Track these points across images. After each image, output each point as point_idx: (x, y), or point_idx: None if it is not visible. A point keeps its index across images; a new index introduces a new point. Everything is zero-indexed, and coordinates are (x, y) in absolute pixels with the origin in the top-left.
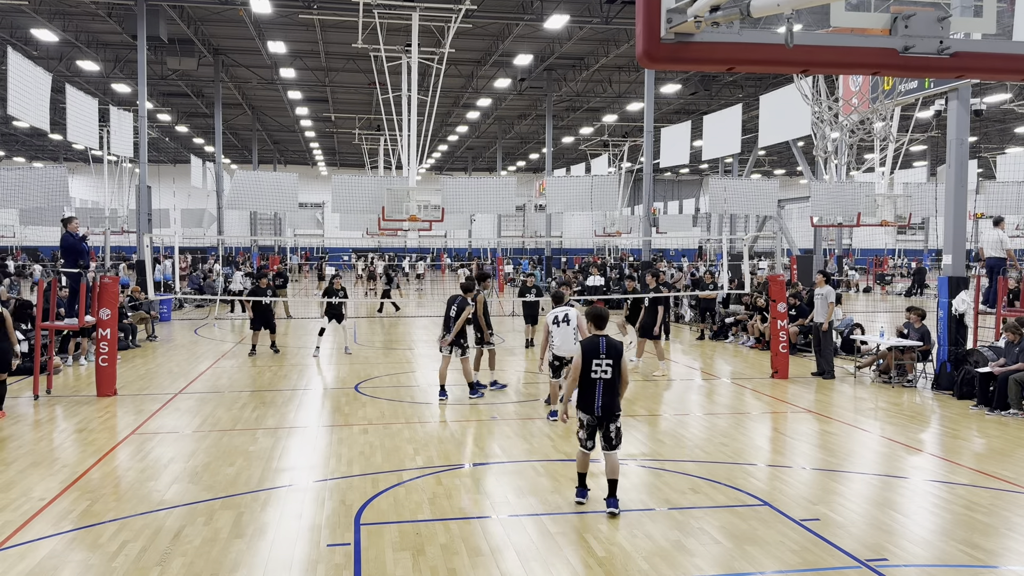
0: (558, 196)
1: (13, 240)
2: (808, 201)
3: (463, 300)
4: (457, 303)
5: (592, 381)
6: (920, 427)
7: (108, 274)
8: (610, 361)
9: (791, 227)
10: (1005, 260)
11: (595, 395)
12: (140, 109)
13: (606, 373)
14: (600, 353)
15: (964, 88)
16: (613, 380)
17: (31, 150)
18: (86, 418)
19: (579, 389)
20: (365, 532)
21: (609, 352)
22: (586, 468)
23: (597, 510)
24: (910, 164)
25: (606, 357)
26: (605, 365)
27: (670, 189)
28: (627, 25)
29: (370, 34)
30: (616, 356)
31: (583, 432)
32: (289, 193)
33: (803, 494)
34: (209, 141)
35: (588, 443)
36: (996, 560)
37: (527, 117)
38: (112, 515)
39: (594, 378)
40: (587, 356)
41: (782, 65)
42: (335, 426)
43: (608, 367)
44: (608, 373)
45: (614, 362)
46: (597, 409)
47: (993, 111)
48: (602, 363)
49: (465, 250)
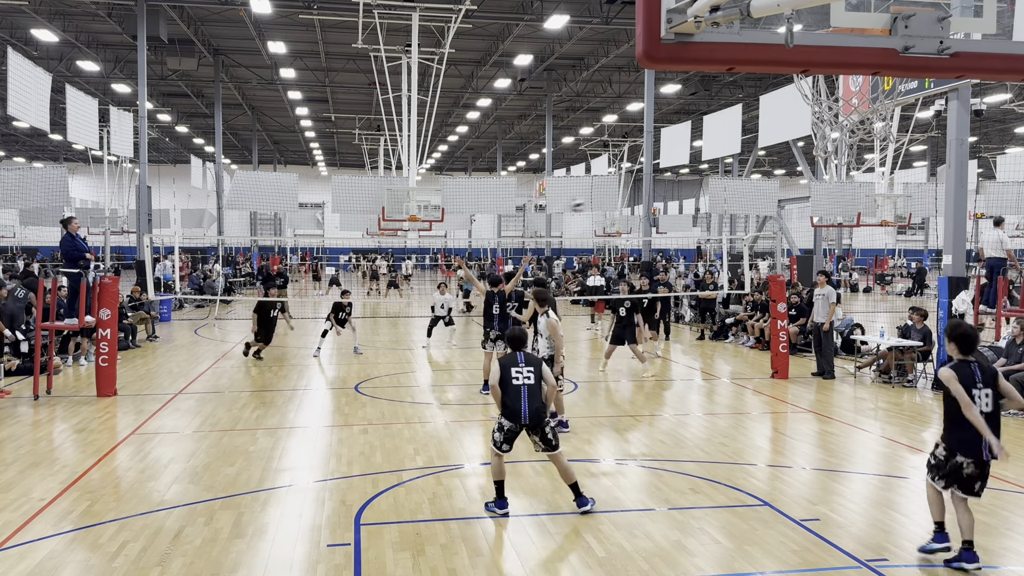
0: (558, 196)
1: (13, 240)
2: (808, 201)
3: (503, 295)
4: (498, 299)
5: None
6: (920, 427)
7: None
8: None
9: (791, 227)
10: (1005, 260)
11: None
12: (140, 109)
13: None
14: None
15: (964, 88)
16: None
17: (31, 150)
18: (86, 418)
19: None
20: (365, 532)
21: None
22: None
23: (597, 510)
24: (910, 164)
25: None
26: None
27: (670, 189)
28: (627, 25)
29: (370, 34)
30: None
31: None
32: (289, 193)
33: (803, 494)
34: (209, 141)
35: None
36: (996, 560)
37: (527, 117)
38: (112, 515)
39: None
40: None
41: (782, 65)
42: (335, 426)
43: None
44: (531, 379)
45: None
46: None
47: (993, 111)
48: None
49: (465, 250)
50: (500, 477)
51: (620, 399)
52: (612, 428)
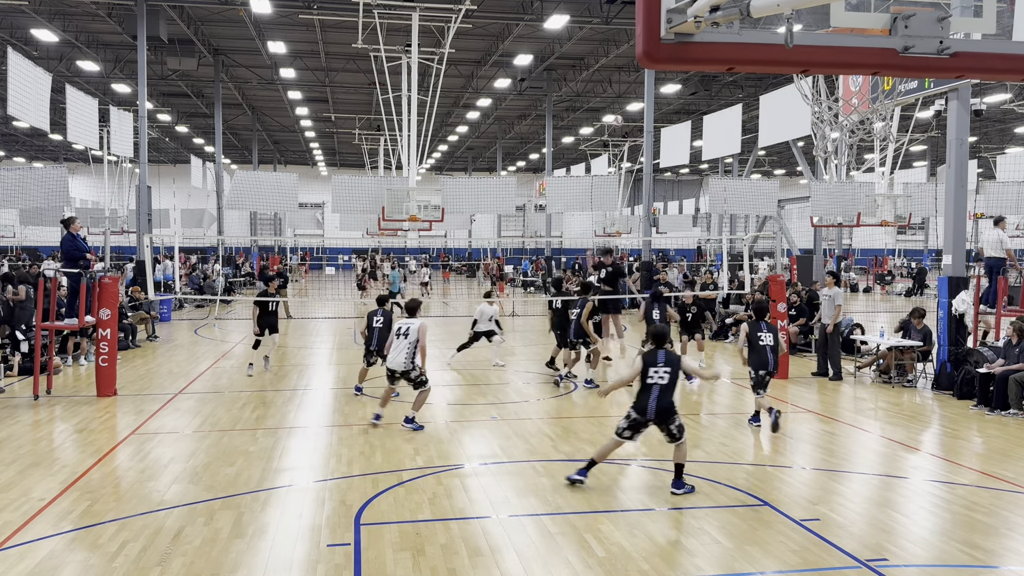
0: (558, 196)
1: (13, 240)
2: (808, 201)
3: (583, 300)
4: (578, 305)
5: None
6: (920, 427)
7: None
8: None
9: (791, 227)
10: (1005, 260)
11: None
12: (140, 109)
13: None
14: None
15: (964, 88)
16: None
17: (31, 150)
18: (86, 418)
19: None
20: (365, 532)
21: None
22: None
23: (597, 510)
24: (910, 164)
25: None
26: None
27: (670, 189)
28: (627, 25)
29: (370, 34)
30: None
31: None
32: (289, 193)
33: (803, 494)
34: (209, 141)
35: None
36: (996, 560)
37: (527, 117)
38: (112, 515)
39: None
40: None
41: (782, 65)
42: (335, 426)
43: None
44: (664, 379)
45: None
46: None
47: (993, 111)
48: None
49: (465, 250)
50: (600, 459)
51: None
52: (612, 428)
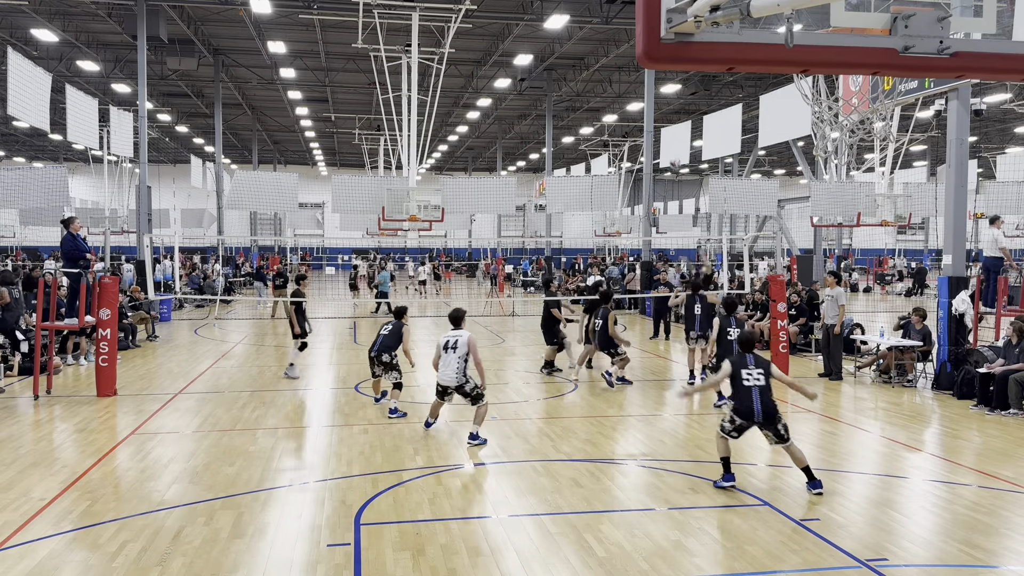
0: (558, 196)
1: (13, 240)
2: (808, 201)
3: (606, 310)
4: (699, 301)
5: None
6: (920, 427)
7: (108, 274)
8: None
9: (791, 227)
10: (1002, 260)
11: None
12: (140, 109)
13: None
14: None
15: (964, 88)
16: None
17: (31, 150)
18: (86, 418)
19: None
20: (365, 532)
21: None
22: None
23: (597, 510)
24: (910, 164)
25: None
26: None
27: (670, 189)
28: (627, 25)
29: (370, 34)
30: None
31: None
32: (289, 193)
33: (803, 494)
34: (209, 141)
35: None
36: (996, 560)
37: (527, 117)
38: (112, 515)
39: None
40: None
41: (782, 65)
42: (335, 426)
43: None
44: (761, 380)
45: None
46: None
47: (993, 111)
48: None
49: (465, 250)
50: (725, 454)
51: (621, 399)
52: (612, 428)
